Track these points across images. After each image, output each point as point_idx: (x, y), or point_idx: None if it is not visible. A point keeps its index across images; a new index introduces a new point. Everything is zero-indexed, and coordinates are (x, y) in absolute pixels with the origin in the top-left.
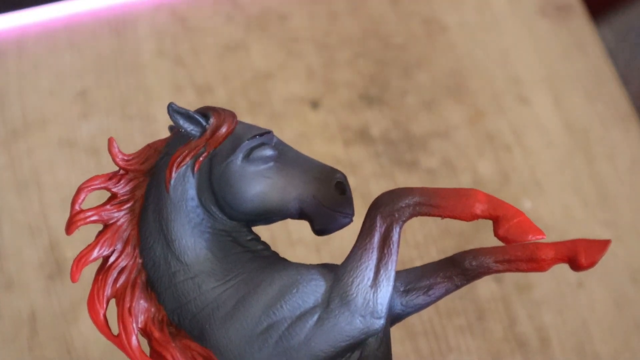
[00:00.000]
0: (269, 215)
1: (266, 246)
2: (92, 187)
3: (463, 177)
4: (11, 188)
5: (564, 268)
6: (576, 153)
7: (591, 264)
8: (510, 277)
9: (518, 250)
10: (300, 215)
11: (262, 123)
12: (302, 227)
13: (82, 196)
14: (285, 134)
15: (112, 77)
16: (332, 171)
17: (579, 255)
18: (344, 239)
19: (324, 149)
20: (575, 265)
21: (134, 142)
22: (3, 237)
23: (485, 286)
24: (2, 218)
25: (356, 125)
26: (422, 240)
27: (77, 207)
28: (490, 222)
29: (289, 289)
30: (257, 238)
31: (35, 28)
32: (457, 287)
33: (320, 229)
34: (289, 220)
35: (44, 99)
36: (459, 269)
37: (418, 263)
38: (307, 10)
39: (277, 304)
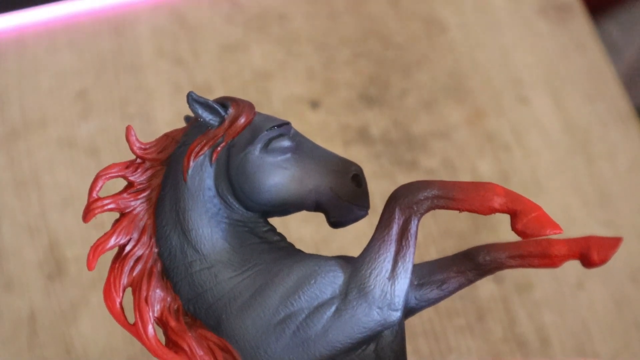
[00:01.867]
0: (286, 207)
1: (282, 237)
2: (110, 174)
3: (463, 177)
4: (11, 188)
5: (564, 268)
6: (576, 153)
7: (603, 261)
8: (511, 278)
9: (531, 246)
10: (317, 207)
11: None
12: (301, 227)
13: (99, 184)
14: None
15: (112, 77)
16: (349, 163)
17: (592, 251)
18: (344, 238)
19: None
20: (587, 262)
21: None
22: (3, 237)
23: (485, 286)
24: (2, 218)
25: (356, 125)
26: (422, 240)
27: (94, 195)
28: (489, 223)
29: (307, 279)
30: (273, 229)
31: (35, 28)
32: (470, 281)
33: (336, 221)
34: (289, 219)
35: (44, 99)
36: (472, 264)
37: (415, 256)
38: (307, 10)
39: (295, 294)
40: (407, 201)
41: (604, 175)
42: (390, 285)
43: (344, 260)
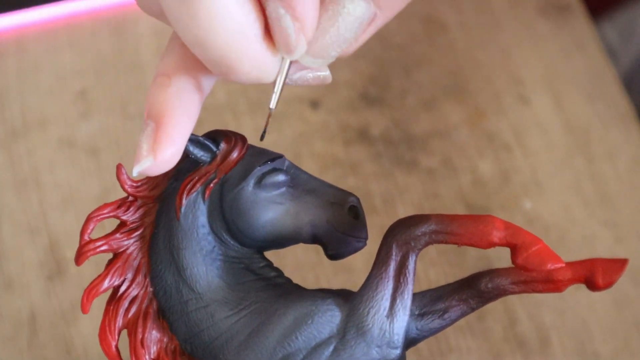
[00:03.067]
0: (282, 241)
1: (279, 272)
2: (102, 216)
3: (463, 177)
4: (11, 188)
5: None
6: (576, 153)
7: (608, 285)
8: None
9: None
10: (314, 240)
11: (262, 123)
12: None
13: (91, 226)
14: (285, 134)
15: (112, 77)
16: (346, 195)
17: (596, 275)
18: None
19: (324, 149)
20: (592, 285)
21: (133, 142)
22: (3, 237)
23: None
24: (2, 218)
25: (356, 125)
26: None
27: (86, 237)
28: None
29: (304, 319)
30: (270, 264)
31: (35, 28)
32: (473, 309)
33: (334, 254)
34: None
35: (44, 99)
36: (474, 291)
37: (418, 263)
38: None
39: (292, 335)
40: (405, 237)
41: (604, 175)
42: (389, 324)
43: (342, 298)
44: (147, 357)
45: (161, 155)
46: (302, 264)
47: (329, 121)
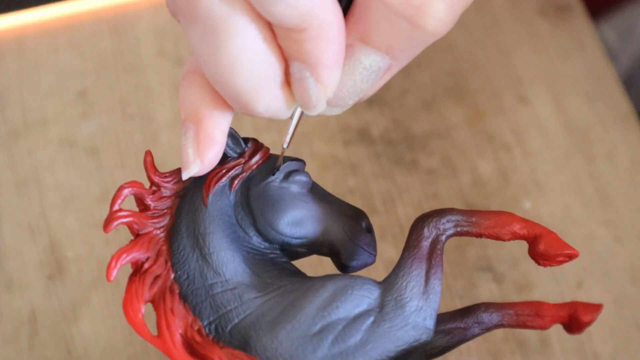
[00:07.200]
0: (302, 241)
1: (299, 270)
2: (134, 188)
3: (463, 177)
4: (11, 188)
5: (564, 268)
6: (576, 153)
7: (591, 321)
8: (510, 277)
9: (524, 306)
10: (330, 246)
11: (262, 123)
12: None
13: (124, 193)
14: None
15: (112, 77)
16: (359, 210)
17: (579, 313)
18: None
19: (324, 149)
20: (576, 322)
21: (134, 142)
22: (3, 237)
23: (485, 286)
24: (2, 218)
25: (356, 125)
26: None
27: (116, 206)
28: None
29: (344, 289)
30: (289, 262)
31: (35, 28)
32: (473, 335)
33: (346, 264)
34: None
35: (44, 99)
36: (474, 319)
37: None
38: None
39: (332, 304)
40: (434, 222)
41: (604, 175)
42: (425, 300)
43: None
44: (178, 323)
45: (207, 157)
46: (302, 264)
47: (329, 121)
